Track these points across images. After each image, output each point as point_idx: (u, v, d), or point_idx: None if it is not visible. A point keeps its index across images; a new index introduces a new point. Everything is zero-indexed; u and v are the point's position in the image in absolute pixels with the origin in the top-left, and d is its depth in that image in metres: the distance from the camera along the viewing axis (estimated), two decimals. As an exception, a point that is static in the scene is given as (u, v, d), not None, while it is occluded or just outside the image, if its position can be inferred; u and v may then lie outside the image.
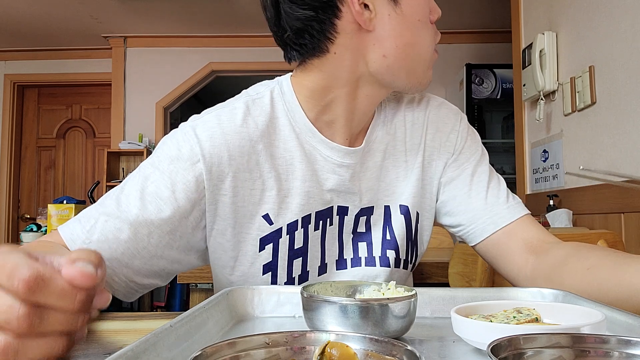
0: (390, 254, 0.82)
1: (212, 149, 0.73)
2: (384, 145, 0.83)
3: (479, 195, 0.85)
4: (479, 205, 0.84)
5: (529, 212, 0.85)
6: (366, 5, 0.73)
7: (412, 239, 0.85)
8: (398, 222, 0.83)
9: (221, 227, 0.76)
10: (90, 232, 0.70)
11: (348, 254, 0.82)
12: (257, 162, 0.76)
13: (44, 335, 0.39)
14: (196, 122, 0.76)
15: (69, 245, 0.70)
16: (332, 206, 0.80)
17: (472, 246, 0.87)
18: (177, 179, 0.72)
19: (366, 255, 0.82)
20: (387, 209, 0.83)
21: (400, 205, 0.84)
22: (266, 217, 0.77)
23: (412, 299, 0.50)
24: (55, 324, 0.39)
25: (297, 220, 0.78)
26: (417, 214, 0.85)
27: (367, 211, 0.82)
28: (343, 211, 0.81)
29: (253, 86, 0.83)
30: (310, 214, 0.78)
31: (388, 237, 0.83)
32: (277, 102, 0.79)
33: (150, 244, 0.71)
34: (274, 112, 0.78)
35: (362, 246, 0.82)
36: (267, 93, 0.79)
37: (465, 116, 0.91)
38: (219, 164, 0.74)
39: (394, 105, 0.87)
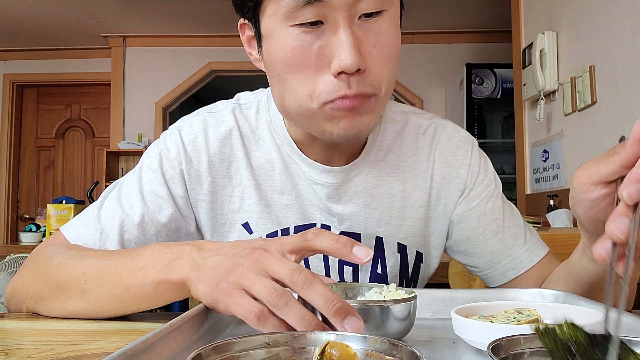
0: None
1: (193, 152, 0.76)
2: (376, 170, 0.78)
3: (496, 236, 0.80)
4: (496, 248, 0.80)
5: (548, 248, 0.81)
6: (259, 42, 0.68)
7: (407, 277, 0.81)
8: (392, 259, 0.79)
9: (201, 233, 0.78)
10: (102, 240, 0.71)
11: (334, 276, 0.79)
12: (237, 169, 0.77)
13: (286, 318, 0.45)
14: (183, 124, 0.79)
15: None
16: (315, 223, 0.78)
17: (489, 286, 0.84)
18: (167, 176, 0.75)
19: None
20: (379, 240, 0.78)
21: (398, 242, 0.79)
22: (246, 226, 0.77)
23: (412, 302, 0.49)
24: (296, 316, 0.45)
25: (277, 231, 0.77)
26: (420, 253, 0.81)
27: (351, 237, 0.78)
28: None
29: (246, 93, 0.83)
30: (289, 228, 0.77)
31: (379, 270, 0.79)
32: (262, 113, 0.79)
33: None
34: (258, 123, 0.79)
35: (348, 271, 0.79)
36: (255, 104, 0.80)
37: (476, 143, 0.83)
38: (198, 168, 0.76)
39: (396, 129, 0.80)
